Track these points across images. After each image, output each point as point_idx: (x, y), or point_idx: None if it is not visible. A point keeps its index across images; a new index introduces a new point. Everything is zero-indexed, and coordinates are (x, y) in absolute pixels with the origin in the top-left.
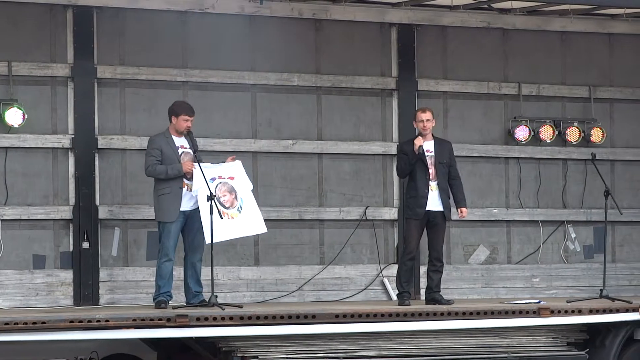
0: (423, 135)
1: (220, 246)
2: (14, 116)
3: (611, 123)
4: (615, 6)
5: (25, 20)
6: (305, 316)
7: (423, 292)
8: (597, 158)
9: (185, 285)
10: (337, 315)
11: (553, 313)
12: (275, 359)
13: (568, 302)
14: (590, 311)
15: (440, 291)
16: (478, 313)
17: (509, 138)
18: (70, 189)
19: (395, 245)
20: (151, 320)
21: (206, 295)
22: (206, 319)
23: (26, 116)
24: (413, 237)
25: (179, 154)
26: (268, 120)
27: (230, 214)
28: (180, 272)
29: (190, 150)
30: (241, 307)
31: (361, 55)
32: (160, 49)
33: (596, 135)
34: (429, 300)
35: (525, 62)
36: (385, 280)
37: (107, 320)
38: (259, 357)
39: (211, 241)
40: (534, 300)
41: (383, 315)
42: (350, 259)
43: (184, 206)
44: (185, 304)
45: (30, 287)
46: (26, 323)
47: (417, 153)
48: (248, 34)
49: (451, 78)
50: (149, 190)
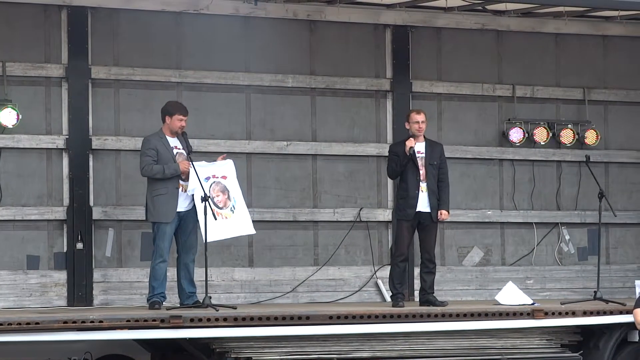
0: (416, 136)
1: (215, 247)
2: (8, 117)
3: (605, 125)
4: (609, 8)
5: (19, 21)
6: (299, 317)
7: (417, 294)
8: (591, 160)
9: (178, 286)
10: (331, 317)
11: (547, 315)
12: None
13: (562, 304)
14: (584, 313)
15: (434, 293)
16: (472, 315)
17: (503, 140)
18: (64, 189)
19: (390, 247)
20: (145, 321)
21: (200, 296)
22: (200, 319)
23: (20, 117)
24: (404, 239)
25: (174, 154)
26: (262, 121)
27: (224, 214)
28: (173, 273)
29: (184, 151)
30: (235, 308)
31: (355, 57)
32: (154, 50)
33: (590, 137)
34: (423, 301)
35: (520, 64)
36: (379, 282)
37: (101, 321)
38: (253, 358)
39: (205, 242)
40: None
41: (377, 316)
42: (344, 261)
43: (179, 207)
44: (179, 305)
45: (24, 288)
46: (20, 324)
47: (408, 154)
48: (242, 35)
49: (445, 80)
50: (143, 191)
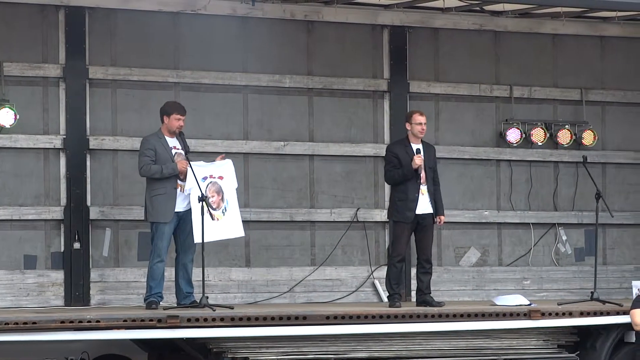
0: (417, 137)
1: (212, 247)
2: (5, 116)
3: (602, 126)
4: (607, 9)
5: (17, 21)
6: (296, 317)
7: (414, 294)
8: (589, 161)
9: (176, 286)
10: (328, 317)
11: (544, 315)
12: None
13: (559, 305)
14: (581, 314)
15: (431, 293)
16: (469, 315)
17: (501, 140)
18: (61, 189)
19: (387, 247)
20: (142, 321)
21: (197, 297)
22: (197, 319)
23: (18, 116)
24: (402, 240)
25: (173, 154)
26: (259, 121)
27: (216, 216)
28: (171, 273)
29: (182, 152)
30: (232, 308)
31: (353, 57)
32: (152, 50)
33: (587, 137)
34: (420, 302)
35: (517, 65)
36: (376, 282)
37: (98, 321)
38: (250, 358)
39: (202, 242)
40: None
41: (374, 316)
42: (341, 261)
43: (177, 207)
44: (176, 305)
45: (21, 288)
46: (17, 323)
47: (419, 172)
48: (240, 36)
49: (443, 80)
50: (140, 191)
